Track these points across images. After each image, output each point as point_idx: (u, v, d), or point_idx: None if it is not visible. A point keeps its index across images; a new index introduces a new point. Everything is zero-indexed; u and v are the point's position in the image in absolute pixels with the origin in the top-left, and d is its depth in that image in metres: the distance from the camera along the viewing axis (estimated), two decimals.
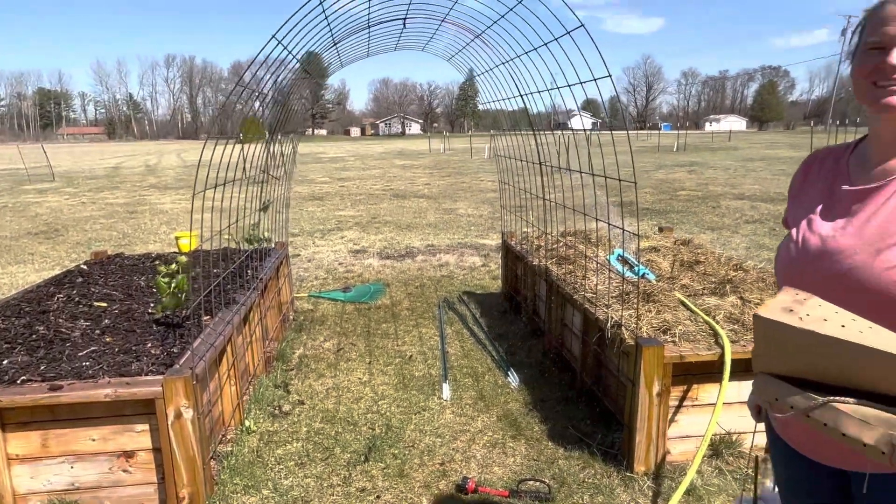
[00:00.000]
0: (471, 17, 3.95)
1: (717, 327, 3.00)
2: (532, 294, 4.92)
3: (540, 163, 4.21)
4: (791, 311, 1.02)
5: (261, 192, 4.60)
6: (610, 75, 2.51)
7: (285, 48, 2.84)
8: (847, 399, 0.96)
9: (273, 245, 5.39)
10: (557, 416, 3.53)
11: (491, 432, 3.39)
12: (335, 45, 3.98)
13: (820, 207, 1.28)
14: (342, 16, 3.34)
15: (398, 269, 7.34)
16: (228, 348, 3.35)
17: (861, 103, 1.19)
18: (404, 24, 3.90)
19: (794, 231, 1.31)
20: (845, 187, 1.25)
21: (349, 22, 3.62)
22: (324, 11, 2.91)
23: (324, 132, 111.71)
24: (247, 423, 3.44)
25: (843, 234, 1.19)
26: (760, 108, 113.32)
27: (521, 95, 4.08)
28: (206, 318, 3.33)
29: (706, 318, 3.14)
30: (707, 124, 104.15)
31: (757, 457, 1.85)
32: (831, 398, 0.97)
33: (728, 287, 3.57)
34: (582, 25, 2.50)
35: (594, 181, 3.36)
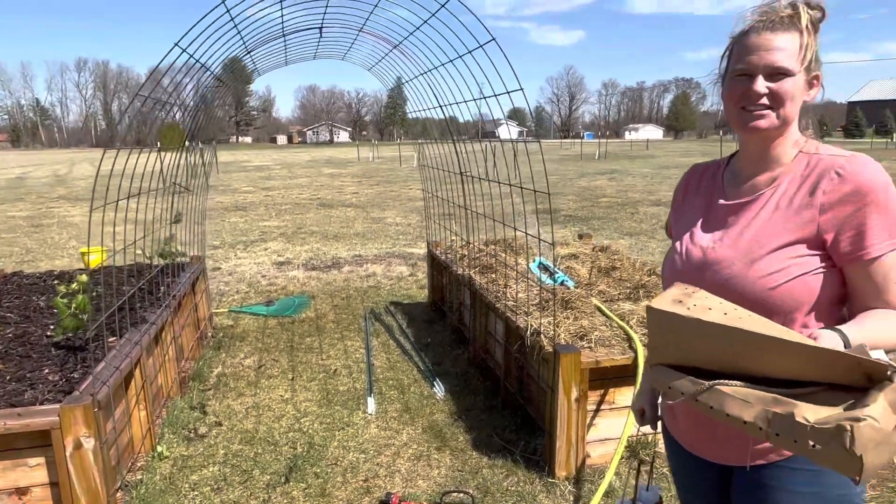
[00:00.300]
0: (389, 27, 3.94)
1: (631, 332, 3.11)
2: (457, 303, 4.94)
3: (461, 173, 4.24)
4: (680, 302, 1.09)
5: (171, 204, 4.40)
6: (521, 88, 2.56)
7: (191, 56, 2.73)
8: (731, 381, 1.03)
9: (188, 259, 5.16)
10: (482, 425, 3.55)
11: (416, 445, 3.37)
12: (248, 53, 3.87)
13: (701, 221, 1.36)
14: (253, 24, 3.26)
15: (324, 280, 7.21)
16: (137, 371, 3.17)
17: (730, 125, 1.28)
18: (320, 33, 3.84)
19: (678, 243, 1.39)
20: (721, 202, 1.34)
21: (263, 30, 3.53)
22: (232, 20, 2.82)
23: (248, 140, 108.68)
24: (159, 448, 3.27)
25: (721, 246, 1.28)
26: (675, 117, 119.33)
27: (441, 106, 4.10)
28: (112, 339, 3.14)
29: (621, 323, 3.24)
30: (627, 133, 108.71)
31: (639, 461, 1.95)
32: (716, 381, 1.04)
33: (642, 292, 3.71)
34: (493, 39, 2.54)
35: (520, 190, 3.42)
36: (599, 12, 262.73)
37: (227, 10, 2.56)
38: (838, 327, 1.10)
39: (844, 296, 1.23)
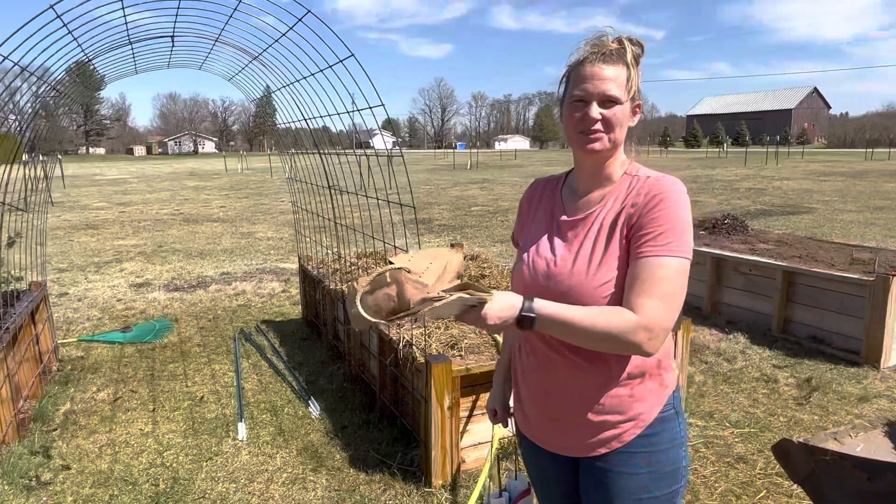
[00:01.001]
0: (249, 39, 3.81)
1: (499, 338, 3.23)
2: (332, 318, 4.87)
3: (329, 186, 4.19)
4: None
5: (0, 224, 3.94)
6: (383, 104, 2.59)
7: (16, 63, 2.46)
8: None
9: (26, 286, 4.64)
10: (359, 441, 3.51)
11: (291, 468, 3.27)
12: (89, 60, 3.57)
13: (545, 234, 1.48)
14: (93, 31, 3.01)
15: (188, 301, 6.78)
16: None
17: (570, 145, 1.40)
18: (173, 41, 3.63)
19: (525, 255, 1.49)
20: (563, 217, 1.46)
21: (105, 37, 3.27)
22: (65, 26, 2.58)
23: (101, 151, 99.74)
24: None
25: (562, 260, 1.40)
26: (540, 129, 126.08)
27: (306, 119, 4.03)
28: None
29: None
30: (497, 143, 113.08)
31: (498, 457, 2.11)
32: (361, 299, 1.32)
33: None
34: (352, 55, 2.55)
35: (393, 202, 3.43)
36: (466, 26, 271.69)
37: (59, 16, 2.34)
38: (539, 299, 1.29)
39: None
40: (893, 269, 4.72)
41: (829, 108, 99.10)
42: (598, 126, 1.33)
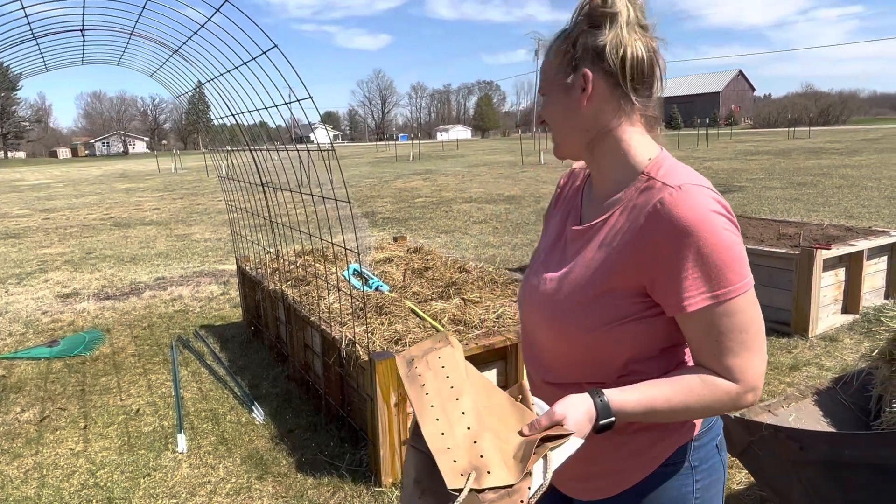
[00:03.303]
0: (168, 32, 3.62)
1: (443, 330, 3.20)
2: (273, 319, 4.72)
3: (262, 184, 4.05)
4: (412, 360, 1.08)
5: None
6: (311, 97, 2.50)
7: None
8: (415, 446, 1.04)
9: None
10: (306, 445, 3.42)
11: (235, 478, 3.15)
12: None
13: (551, 243, 1.26)
14: None
15: (121, 310, 6.46)
16: None
17: None
18: (83, 36, 3.41)
19: (531, 264, 1.30)
20: (573, 227, 1.20)
21: (3, 31, 3.02)
22: None
23: (21, 155, 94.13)
24: None
25: (553, 280, 1.17)
26: (481, 118, 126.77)
27: (234, 115, 3.87)
28: None
29: (433, 322, 3.33)
30: (438, 134, 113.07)
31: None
32: (412, 440, 1.05)
33: (452, 290, 3.85)
34: (275, 46, 2.44)
35: (333, 198, 3.34)
36: (403, 17, 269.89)
37: None
38: (606, 391, 1.03)
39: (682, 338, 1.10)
40: (817, 242, 4.95)
41: (754, 90, 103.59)
42: (549, 130, 1.17)
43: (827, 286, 4.84)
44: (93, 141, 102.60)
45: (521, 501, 0.91)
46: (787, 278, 4.79)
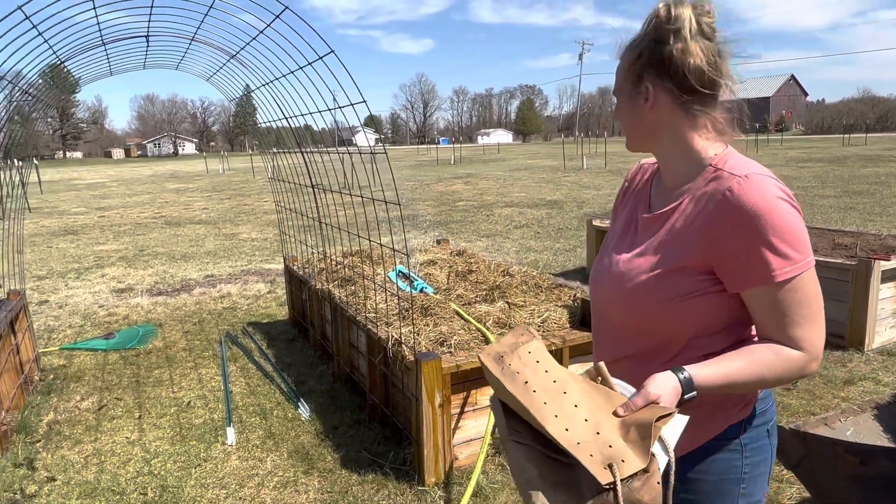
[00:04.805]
0: (226, 37, 3.75)
1: (488, 333, 3.22)
2: (319, 318, 4.82)
3: (313, 185, 4.14)
4: (502, 357, 1.09)
5: None
6: (364, 101, 2.56)
7: None
8: (522, 441, 1.04)
9: (4, 295, 4.54)
10: (350, 442, 3.49)
11: (281, 471, 3.23)
12: (62, 62, 3.49)
13: (622, 228, 1.35)
14: (65, 32, 2.93)
15: (172, 305, 6.69)
16: None
17: None
18: (147, 41, 3.56)
19: (603, 248, 1.39)
20: (644, 214, 1.30)
21: (77, 38, 3.19)
22: (35, 27, 2.51)
23: (79, 155, 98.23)
24: None
25: (627, 260, 1.25)
26: (522, 122, 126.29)
27: (287, 118, 3.98)
28: None
29: (478, 325, 3.34)
30: (479, 138, 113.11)
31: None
32: (511, 435, 1.05)
33: (496, 293, 3.86)
34: (332, 52, 2.51)
35: (378, 199, 3.40)
36: (446, 21, 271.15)
37: (27, 17, 2.27)
38: (686, 367, 1.11)
39: (747, 317, 1.19)
40: (875, 252, 4.77)
41: (806, 95, 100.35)
42: (621, 123, 1.28)
43: (885, 298, 4.66)
44: (145, 142, 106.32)
45: (658, 483, 0.97)
46: (842, 290, 4.63)
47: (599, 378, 1.08)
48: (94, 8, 2.67)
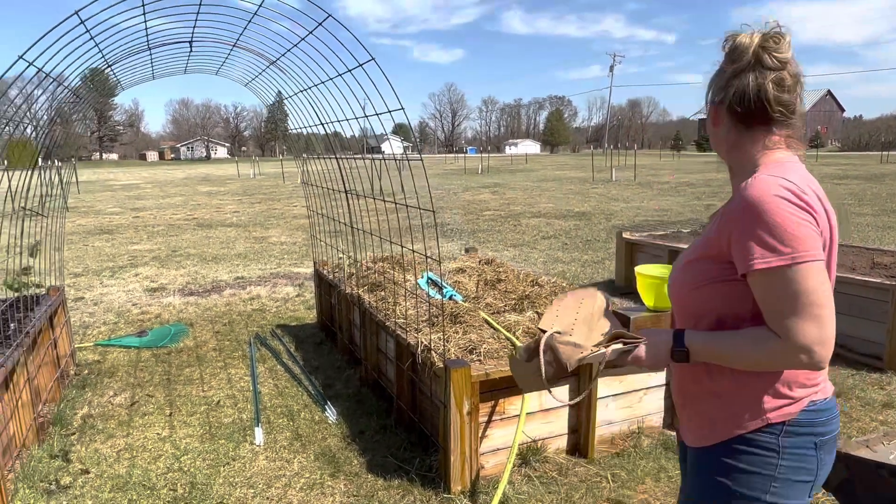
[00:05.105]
0: (266, 43, 3.82)
1: (517, 342, 3.20)
2: (347, 322, 4.86)
3: (346, 191, 4.19)
4: (566, 293, 1.68)
5: (23, 230, 3.97)
6: (402, 108, 2.58)
7: (40, 70, 2.48)
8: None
9: (45, 291, 4.67)
10: (377, 447, 3.49)
11: (308, 473, 3.25)
12: (109, 66, 3.60)
13: None
14: (114, 36, 3.03)
15: (203, 306, 6.80)
16: None
17: None
18: (191, 47, 3.65)
19: None
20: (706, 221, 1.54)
21: (125, 43, 3.29)
22: (88, 31, 2.60)
23: (115, 157, 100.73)
24: None
25: (680, 256, 1.47)
26: (551, 133, 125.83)
27: (322, 124, 4.04)
28: None
29: (507, 334, 3.33)
30: (507, 148, 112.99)
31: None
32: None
33: (526, 303, 3.84)
34: (372, 59, 2.54)
35: (406, 206, 3.42)
36: (477, 32, 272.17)
37: (82, 22, 2.35)
38: (688, 330, 1.36)
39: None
40: None
41: (843, 111, 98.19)
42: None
43: None
44: (178, 145, 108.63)
45: (581, 354, 1.36)
46: (881, 310, 4.51)
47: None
48: (144, 13, 2.76)
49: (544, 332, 1.41)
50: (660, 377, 3.51)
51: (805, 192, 1.21)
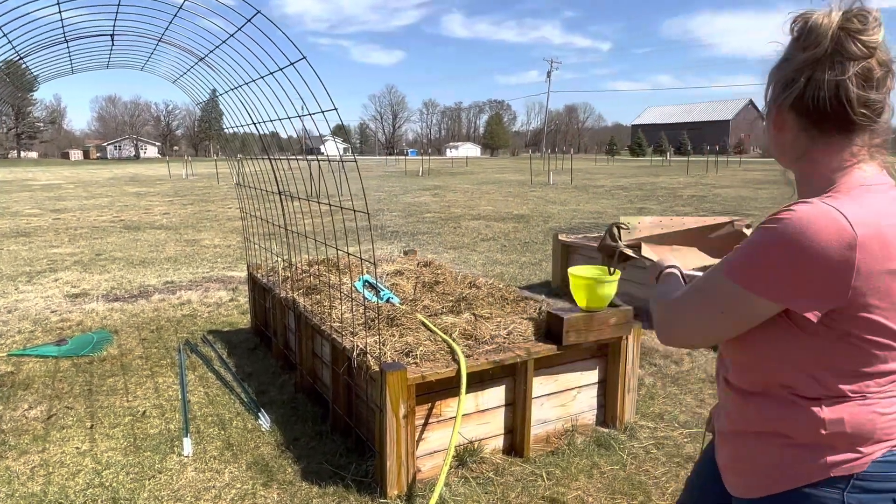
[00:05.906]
0: (195, 39, 3.69)
1: (454, 345, 3.21)
2: (282, 327, 4.74)
3: (279, 192, 4.09)
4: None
5: None
6: (335, 108, 2.54)
7: None
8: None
9: None
10: (312, 453, 3.42)
11: (240, 483, 3.15)
12: (21, 58, 3.38)
13: None
14: (26, 26, 2.84)
15: (129, 312, 6.49)
16: None
17: None
18: (112, 40, 3.48)
19: None
20: None
21: (38, 34, 3.09)
22: None
23: (34, 155, 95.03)
24: None
25: None
26: (491, 136, 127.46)
27: (255, 123, 3.93)
28: None
29: (444, 336, 3.34)
30: (448, 151, 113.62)
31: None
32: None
33: (463, 304, 3.86)
34: (304, 58, 2.49)
35: (347, 208, 3.37)
36: (418, 34, 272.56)
37: None
38: (678, 272, 1.48)
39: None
40: None
41: (764, 119, 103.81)
42: None
43: None
44: (105, 144, 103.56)
45: (629, 250, 1.91)
46: None
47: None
48: (59, 3, 2.60)
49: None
50: (591, 376, 3.60)
51: (866, 243, 0.99)
